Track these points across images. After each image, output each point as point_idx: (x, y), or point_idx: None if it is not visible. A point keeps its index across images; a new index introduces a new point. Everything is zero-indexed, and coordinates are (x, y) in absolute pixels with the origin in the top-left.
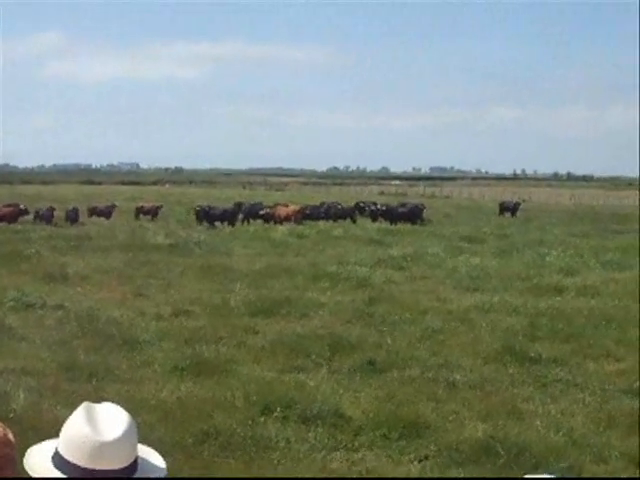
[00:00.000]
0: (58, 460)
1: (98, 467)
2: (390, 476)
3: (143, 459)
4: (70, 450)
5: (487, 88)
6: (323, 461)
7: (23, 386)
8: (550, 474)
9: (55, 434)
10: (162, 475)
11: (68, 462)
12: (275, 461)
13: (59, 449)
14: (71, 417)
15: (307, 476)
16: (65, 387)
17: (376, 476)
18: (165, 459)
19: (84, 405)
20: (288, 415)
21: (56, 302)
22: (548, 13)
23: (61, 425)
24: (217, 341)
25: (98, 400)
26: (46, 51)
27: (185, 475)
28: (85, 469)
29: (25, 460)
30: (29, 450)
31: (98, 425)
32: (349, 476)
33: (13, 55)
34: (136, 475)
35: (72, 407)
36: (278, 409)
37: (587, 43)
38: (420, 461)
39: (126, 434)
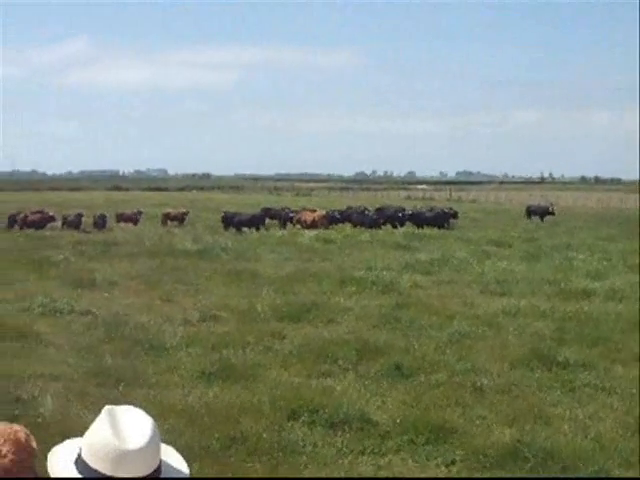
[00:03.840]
0: (81, 465)
1: (121, 475)
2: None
3: (166, 464)
4: (93, 456)
5: (513, 92)
6: (350, 466)
7: (51, 391)
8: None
9: None
10: None
11: (91, 468)
12: (302, 466)
13: (82, 454)
14: (95, 422)
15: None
16: (93, 392)
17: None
18: (192, 464)
19: (107, 409)
20: (315, 420)
21: (84, 308)
22: (572, 15)
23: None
24: (244, 346)
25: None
26: (72, 58)
27: None
28: (107, 477)
29: (49, 463)
30: (52, 451)
31: (122, 432)
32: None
33: (39, 63)
34: None
35: (99, 412)
36: (305, 414)
37: (611, 44)
38: (447, 466)
39: (150, 442)
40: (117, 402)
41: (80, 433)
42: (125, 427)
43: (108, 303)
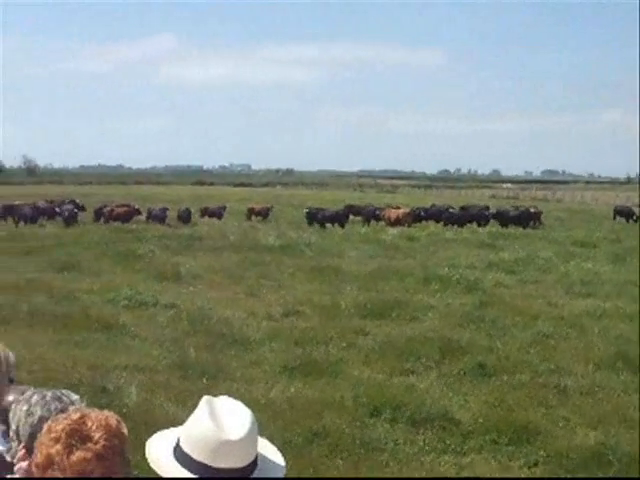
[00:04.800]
0: (180, 454)
1: (220, 465)
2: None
3: (262, 456)
4: (192, 446)
5: (599, 91)
6: (431, 464)
7: (135, 383)
8: None
9: None
10: (281, 473)
11: (190, 457)
12: (383, 463)
13: (181, 443)
14: (195, 412)
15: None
16: (176, 384)
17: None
18: None
19: (206, 400)
20: (397, 417)
21: (168, 301)
22: None
23: (172, 422)
24: (327, 342)
25: None
26: (159, 55)
27: (294, 475)
28: (207, 466)
29: (147, 450)
30: (150, 440)
31: (222, 423)
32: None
33: (126, 59)
34: (255, 474)
35: (183, 404)
36: (387, 411)
37: None
38: (530, 467)
39: (249, 433)
40: (200, 395)
41: (164, 424)
42: (225, 418)
43: (192, 296)
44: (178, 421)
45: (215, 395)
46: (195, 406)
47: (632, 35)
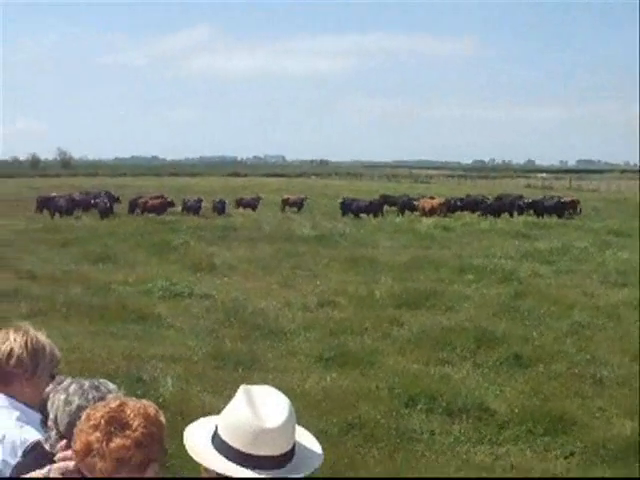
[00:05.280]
0: (218, 442)
1: (258, 453)
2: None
3: (300, 444)
4: (231, 434)
5: (635, 80)
6: (467, 454)
7: (171, 373)
8: None
9: None
10: (318, 462)
11: (228, 445)
12: (419, 453)
13: (219, 431)
14: (232, 400)
15: (450, 469)
16: (212, 375)
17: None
18: None
19: (244, 388)
20: (432, 407)
21: (203, 291)
22: None
23: (208, 412)
24: (362, 332)
25: None
26: (192, 47)
27: (329, 465)
28: (244, 454)
29: (185, 438)
30: (188, 428)
31: (260, 411)
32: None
33: (161, 52)
34: (293, 461)
35: (219, 394)
36: (423, 401)
37: None
38: (566, 457)
39: (287, 421)
40: (236, 385)
41: (200, 414)
42: (262, 406)
43: (227, 287)
44: (214, 411)
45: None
46: (231, 396)
47: None
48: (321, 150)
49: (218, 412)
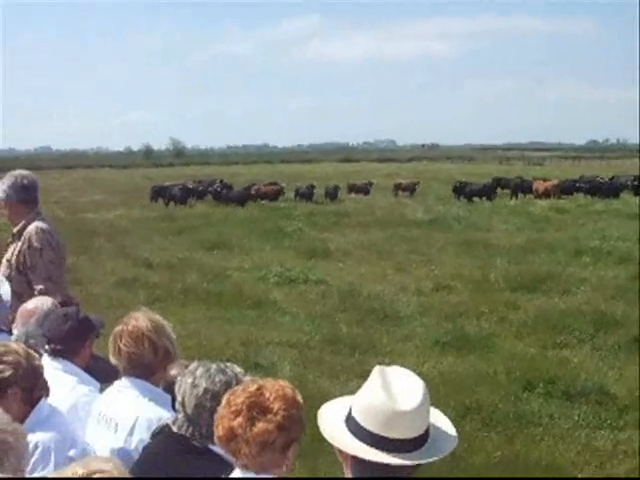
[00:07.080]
0: (352, 424)
1: (392, 435)
2: None
3: (435, 426)
4: (365, 416)
5: None
6: (587, 439)
7: (289, 358)
8: None
9: (319, 405)
10: (452, 445)
11: (362, 427)
12: (538, 437)
13: (353, 413)
14: (367, 382)
15: (571, 454)
16: (329, 360)
17: None
18: None
19: (378, 369)
20: (551, 391)
21: (318, 277)
22: None
23: (326, 396)
24: (478, 316)
25: (361, 373)
26: (305, 34)
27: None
28: (379, 436)
29: (319, 419)
30: (322, 409)
31: (394, 393)
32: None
33: (273, 39)
34: (427, 444)
35: (336, 379)
36: (541, 385)
37: None
38: None
39: (421, 404)
40: (353, 370)
41: (318, 399)
42: (397, 388)
43: (341, 273)
44: (332, 396)
45: (367, 369)
46: (348, 381)
47: None
48: (432, 134)
49: (336, 397)
